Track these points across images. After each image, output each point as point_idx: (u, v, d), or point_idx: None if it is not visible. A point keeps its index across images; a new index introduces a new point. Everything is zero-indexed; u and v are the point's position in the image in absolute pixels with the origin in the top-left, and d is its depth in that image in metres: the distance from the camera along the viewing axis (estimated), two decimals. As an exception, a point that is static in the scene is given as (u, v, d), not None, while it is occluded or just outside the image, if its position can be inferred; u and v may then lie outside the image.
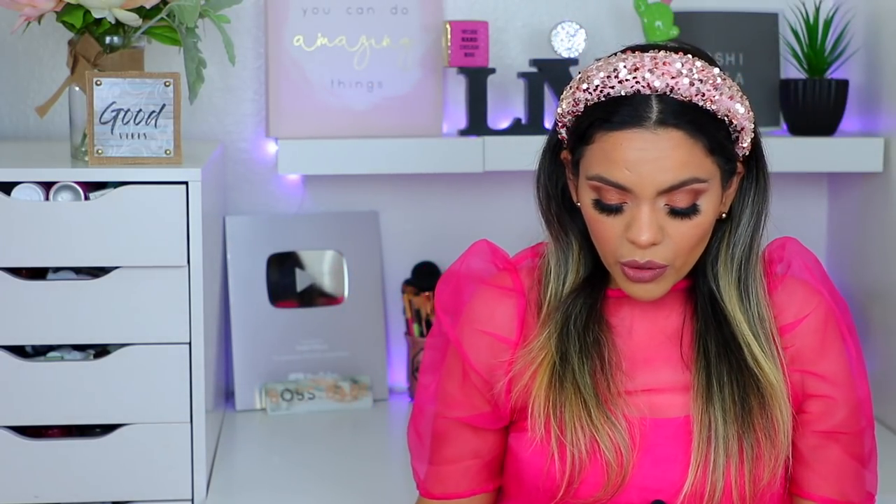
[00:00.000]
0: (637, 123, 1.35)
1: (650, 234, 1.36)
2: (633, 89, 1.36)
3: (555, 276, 1.48)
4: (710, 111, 1.36)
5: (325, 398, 2.23)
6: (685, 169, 1.35)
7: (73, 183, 1.75)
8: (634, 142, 1.35)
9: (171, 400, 1.78)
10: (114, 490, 1.79)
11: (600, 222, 1.39)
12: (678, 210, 1.37)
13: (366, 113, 2.24)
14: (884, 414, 2.14)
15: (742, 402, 1.41)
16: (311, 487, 1.88)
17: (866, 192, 2.26)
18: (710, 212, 1.39)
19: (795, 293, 1.48)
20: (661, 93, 1.35)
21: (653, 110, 1.35)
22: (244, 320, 2.26)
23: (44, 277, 1.78)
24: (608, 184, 1.36)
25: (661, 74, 1.35)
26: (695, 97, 1.35)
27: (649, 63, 1.36)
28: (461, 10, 2.31)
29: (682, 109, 1.35)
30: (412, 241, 2.37)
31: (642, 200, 1.36)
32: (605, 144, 1.36)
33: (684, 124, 1.35)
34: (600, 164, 1.37)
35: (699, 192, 1.37)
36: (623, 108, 1.36)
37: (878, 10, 2.21)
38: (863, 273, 2.26)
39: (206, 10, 1.89)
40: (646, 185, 1.35)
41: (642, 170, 1.34)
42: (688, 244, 1.39)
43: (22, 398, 1.76)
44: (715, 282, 1.46)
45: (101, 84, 1.75)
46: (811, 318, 1.46)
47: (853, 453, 1.46)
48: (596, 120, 1.37)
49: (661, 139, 1.34)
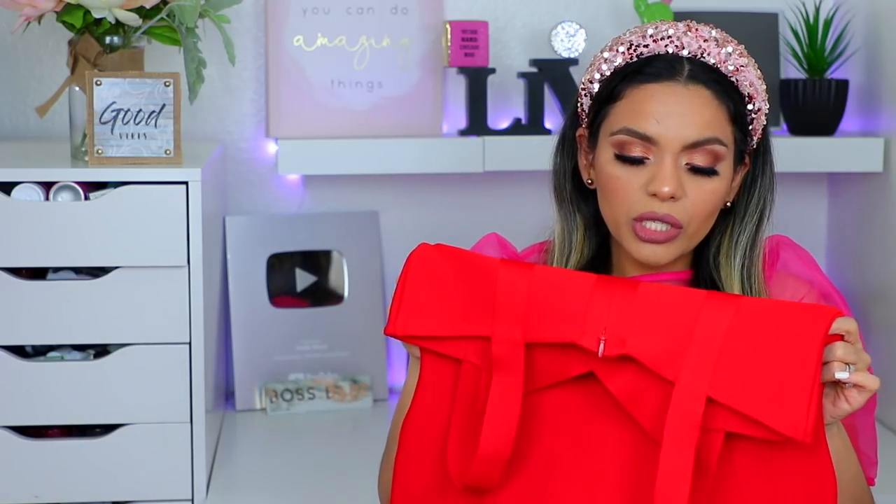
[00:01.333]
0: (669, 77, 1.41)
1: (672, 186, 1.39)
2: (667, 49, 1.42)
3: (559, 255, 1.52)
4: (734, 81, 1.42)
5: (325, 398, 2.23)
6: (710, 128, 1.40)
7: (73, 183, 1.75)
8: (666, 94, 1.40)
9: (171, 400, 1.78)
10: (114, 490, 1.79)
11: (619, 178, 1.42)
12: (699, 168, 1.41)
13: (366, 113, 2.25)
14: (884, 414, 2.14)
15: None
16: (311, 487, 1.88)
17: (866, 192, 2.26)
18: (725, 182, 1.43)
19: (786, 284, 1.50)
20: (693, 55, 1.42)
21: (685, 67, 1.41)
22: (244, 320, 2.26)
23: (44, 277, 1.78)
24: (635, 135, 1.41)
25: (695, 38, 1.42)
26: (723, 63, 1.42)
27: (682, 27, 1.44)
28: (461, 10, 2.31)
29: (712, 71, 1.42)
30: (412, 241, 2.34)
31: (666, 153, 1.40)
32: (635, 98, 1.42)
33: (713, 84, 1.41)
34: (628, 117, 1.42)
35: (719, 155, 1.41)
36: (657, 62, 1.42)
37: (878, 10, 2.21)
38: (863, 273, 2.26)
39: (206, 10, 1.90)
40: (672, 138, 1.39)
41: (670, 122, 1.39)
42: (704, 207, 1.42)
43: (22, 398, 1.76)
44: (717, 272, 1.48)
45: (101, 84, 1.75)
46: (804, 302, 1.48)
47: (851, 434, 1.45)
48: (628, 75, 1.43)
49: (691, 94, 1.40)
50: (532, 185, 2.02)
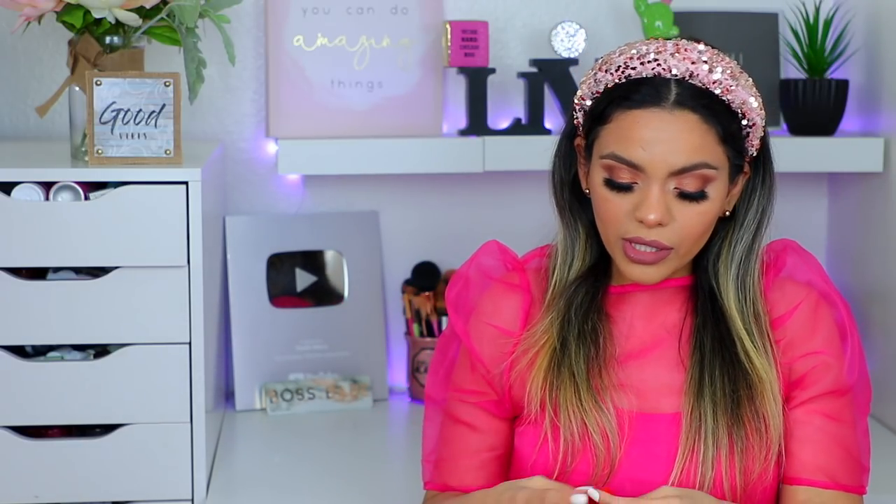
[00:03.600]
0: (655, 103, 1.39)
1: (658, 214, 1.38)
2: (654, 72, 1.40)
3: (561, 262, 1.52)
4: (725, 101, 1.40)
5: (325, 398, 2.23)
6: (697, 153, 1.39)
7: (73, 183, 1.75)
8: (651, 121, 1.39)
9: (171, 400, 1.78)
10: (114, 490, 1.79)
11: (609, 201, 1.42)
12: (687, 194, 1.40)
13: (366, 113, 2.24)
14: (884, 414, 2.14)
15: (732, 395, 1.43)
16: (311, 487, 1.87)
17: (866, 192, 2.26)
18: (717, 202, 1.42)
19: (785, 288, 1.50)
20: (681, 77, 1.40)
21: (671, 92, 1.39)
22: (244, 320, 2.26)
23: (44, 277, 1.78)
24: (622, 161, 1.40)
25: (682, 59, 1.40)
26: (712, 85, 1.40)
27: (671, 48, 1.41)
28: (461, 10, 2.31)
29: (700, 95, 1.39)
30: (412, 241, 2.37)
31: (653, 180, 1.39)
32: (621, 123, 1.40)
33: (700, 108, 1.39)
34: (615, 143, 1.40)
35: (708, 178, 1.40)
36: (643, 88, 1.40)
37: (878, 10, 2.21)
38: (863, 273, 2.26)
39: (206, 10, 1.89)
40: (658, 165, 1.38)
41: (656, 149, 1.38)
42: (693, 230, 1.41)
43: (22, 398, 1.76)
44: (715, 279, 1.48)
45: (101, 84, 1.75)
46: (803, 306, 1.48)
47: (842, 435, 1.46)
48: (615, 99, 1.41)
49: (677, 120, 1.38)
50: (532, 185, 2.02)
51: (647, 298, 1.50)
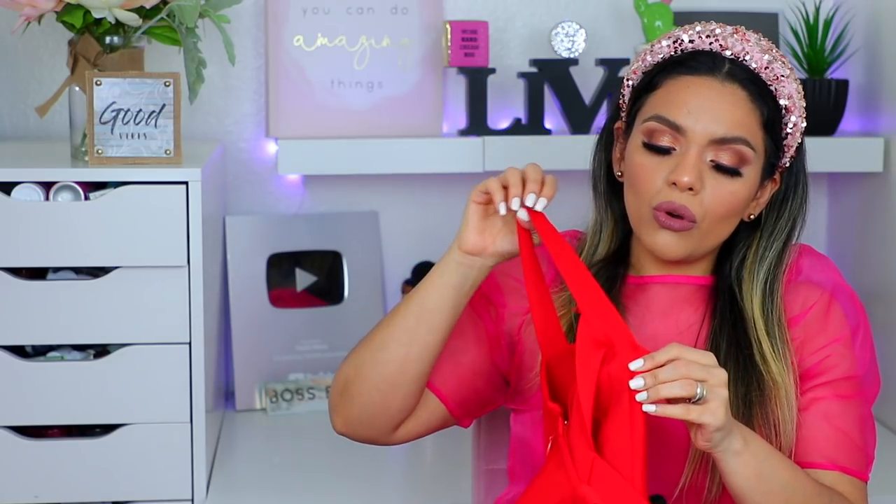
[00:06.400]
0: (708, 71, 1.43)
1: (692, 177, 1.40)
2: (711, 47, 1.45)
3: (589, 243, 1.54)
4: (773, 90, 1.44)
5: (325, 398, 2.23)
6: (739, 127, 1.41)
7: (73, 183, 1.75)
8: (701, 88, 1.42)
9: (171, 400, 1.78)
10: (114, 490, 1.79)
11: (644, 166, 1.44)
12: (722, 166, 1.42)
13: (366, 113, 2.25)
14: (884, 414, 2.14)
15: (745, 398, 1.43)
16: (312, 487, 1.88)
17: (866, 192, 2.26)
18: (748, 188, 1.43)
19: (799, 290, 1.50)
20: (735, 56, 1.44)
21: (725, 64, 1.43)
22: (244, 320, 2.26)
23: (44, 277, 1.78)
24: (665, 123, 1.42)
25: (739, 40, 1.45)
26: (764, 70, 1.44)
27: (730, 29, 1.47)
28: (461, 10, 2.31)
29: (751, 74, 1.44)
30: (412, 241, 2.37)
31: (692, 146, 1.41)
32: (671, 87, 1.44)
33: (750, 84, 1.43)
34: (661, 105, 1.44)
35: (745, 157, 1.42)
36: (699, 56, 1.45)
37: (878, 10, 2.21)
38: (863, 273, 2.26)
39: (206, 10, 1.89)
40: (699, 131, 1.41)
41: (700, 115, 1.41)
42: (720, 207, 1.42)
43: (22, 398, 1.76)
44: (738, 284, 1.49)
45: (101, 84, 1.75)
46: (817, 306, 1.49)
47: (848, 424, 1.46)
48: (669, 65, 1.46)
49: (725, 92, 1.42)
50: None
51: (665, 294, 1.50)
